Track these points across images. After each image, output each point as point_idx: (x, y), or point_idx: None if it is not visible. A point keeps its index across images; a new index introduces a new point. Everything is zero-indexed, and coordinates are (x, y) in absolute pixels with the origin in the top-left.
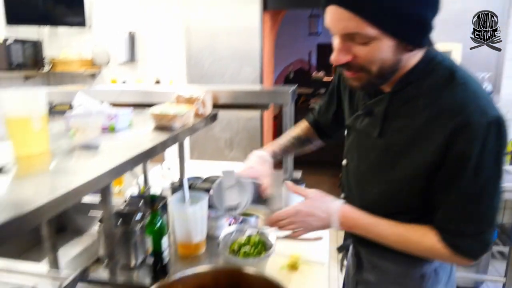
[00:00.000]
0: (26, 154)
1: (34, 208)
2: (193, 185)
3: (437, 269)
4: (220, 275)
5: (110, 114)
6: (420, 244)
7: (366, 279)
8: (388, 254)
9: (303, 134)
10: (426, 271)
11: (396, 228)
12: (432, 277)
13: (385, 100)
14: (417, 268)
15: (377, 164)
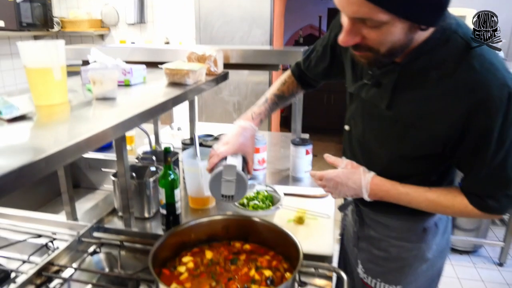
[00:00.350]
0: (47, 104)
1: (53, 153)
2: (204, 142)
3: (436, 222)
4: (231, 224)
5: (125, 69)
6: (451, 207)
7: (368, 234)
8: (391, 211)
9: (287, 91)
10: (428, 225)
11: (427, 194)
12: (432, 230)
13: (395, 72)
14: (420, 222)
15: (385, 135)
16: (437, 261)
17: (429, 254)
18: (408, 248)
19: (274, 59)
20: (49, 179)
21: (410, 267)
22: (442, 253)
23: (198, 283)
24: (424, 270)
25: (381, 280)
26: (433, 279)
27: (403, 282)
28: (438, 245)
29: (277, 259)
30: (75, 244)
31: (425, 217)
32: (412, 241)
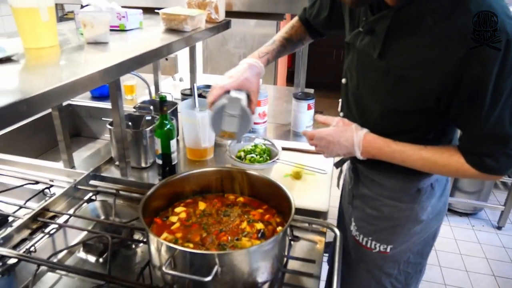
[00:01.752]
0: (35, 46)
1: (34, 95)
2: (203, 93)
3: (433, 184)
4: (225, 176)
5: (120, 12)
6: (447, 166)
7: (362, 192)
8: (386, 169)
9: (295, 35)
10: (423, 186)
11: (422, 153)
12: (428, 191)
13: (388, 17)
14: (414, 183)
15: (378, 88)
16: (431, 224)
17: (423, 215)
18: (401, 208)
19: (280, 8)
20: (49, 127)
21: (402, 227)
22: (438, 215)
23: (189, 233)
24: (417, 231)
25: (373, 239)
26: (427, 242)
27: (395, 242)
28: (433, 207)
29: (270, 212)
30: (71, 191)
31: (420, 178)
32: (405, 202)
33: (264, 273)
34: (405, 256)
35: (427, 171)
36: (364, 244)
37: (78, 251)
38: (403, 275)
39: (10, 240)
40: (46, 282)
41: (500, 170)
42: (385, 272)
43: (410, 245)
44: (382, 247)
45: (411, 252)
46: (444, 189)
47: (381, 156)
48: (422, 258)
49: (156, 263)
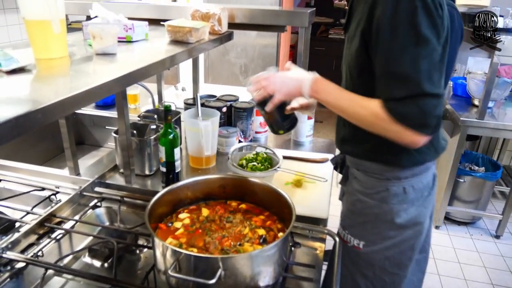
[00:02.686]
0: (46, 57)
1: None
2: (206, 102)
3: (406, 188)
4: (227, 183)
5: (127, 24)
6: (366, 108)
7: (347, 189)
8: (361, 164)
9: None
10: (391, 187)
11: (353, 95)
12: (399, 195)
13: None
14: (383, 182)
15: (344, 59)
16: (407, 232)
17: (396, 219)
18: (370, 205)
19: (281, 20)
20: (54, 136)
21: (372, 225)
22: (415, 225)
23: (193, 239)
24: (390, 235)
25: (348, 233)
26: (404, 251)
27: (366, 239)
28: (409, 214)
29: (272, 219)
30: (77, 197)
31: (389, 177)
32: (374, 199)
33: (266, 277)
34: (380, 261)
35: (352, 114)
36: (343, 238)
37: (83, 256)
38: (379, 282)
39: (18, 245)
40: (53, 286)
41: (407, 118)
42: (360, 271)
43: (383, 249)
44: (355, 242)
45: (387, 258)
46: (424, 200)
47: (323, 92)
48: (399, 269)
49: (161, 267)
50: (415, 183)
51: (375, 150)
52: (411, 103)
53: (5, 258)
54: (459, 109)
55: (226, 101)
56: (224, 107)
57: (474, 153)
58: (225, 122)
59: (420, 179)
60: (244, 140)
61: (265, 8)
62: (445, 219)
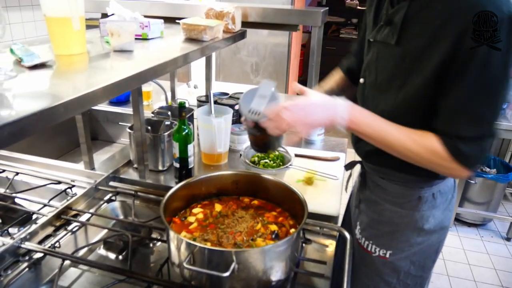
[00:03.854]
0: (66, 53)
1: (72, 99)
2: (219, 100)
3: (435, 194)
4: (240, 179)
5: (143, 22)
6: (420, 144)
7: (367, 197)
8: (390, 175)
9: (336, 86)
10: (424, 194)
11: (400, 128)
12: (429, 201)
13: (404, 7)
14: (415, 190)
15: (394, 73)
16: (433, 236)
17: (424, 225)
18: (401, 214)
19: (294, 19)
20: (69, 130)
21: (401, 233)
22: (441, 229)
23: (206, 233)
24: (418, 242)
25: (373, 243)
26: (429, 255)
27: (394, 248)
28: (435, 218)
29: (284, 215)
30: (92, 191)
31: (422, 186)
32: (406, 208)
33: (278, 272)
34: (405, 267)
35: (403, 150)
36: (365, 247)
37: (99, 248)
38: (402, 286)
39: (36, 236)
40: (70, 276)
41: (469, 158)
42: (384, 279)
43: (410, 255)
44: (381, 252)
45: (412, 263)
46: (449, 204)
47: (363, 124)
48: (423, 271)
49: (176, 260)
50: (441, 187)
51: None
52: (477, 143)
53: (23, 249)
54: None
55: (238, 99)
56: (236, 104)
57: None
58: (237, 120)
59: (445, 182)
60: None
61: (278, 7)
62: (455, 221)
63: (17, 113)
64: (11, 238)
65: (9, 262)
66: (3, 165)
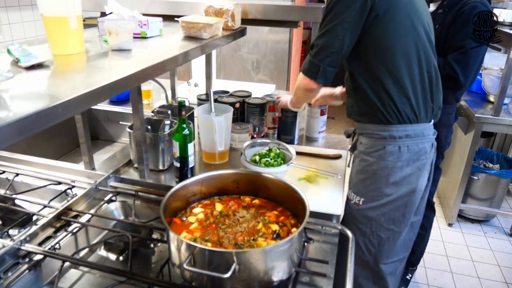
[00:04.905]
0: (63, 53)
1: (69, 99)
2: (219, 98)
3: (401, 148)
4: (241, 178)
5: (141, 21)
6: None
7: (355, 154)
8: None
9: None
10: (388, 146)
11: None
12: (394, 153)
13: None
14: (380, 141)
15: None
16: (401, 190)
17: (391, 176)
18: (370, 163)
19: (294, 16)
20: (69, 131)
21: (370, 181)
22: (408, 184)
23: (207, 233)
24: (386, 192)
25: (352, 191)
26: (398, 207)
27: (366, 196)
28: (403, 172)
29: (285, 214)
30: (92, 191)
31: (386, 137)
32: (373, 156)
33: (280, 272)
34: (377, 217)
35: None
36: (348, 197)
37: (99, 249)
38: (375, 238)
39: (36, 238)
40: (70, 278)
41: (303, 65)
42: (359, 227)
43: (380, 206)
44: (357, 199)
45: (383, 214)
46: (421, 164)
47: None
48: (394, 225)
49: (176, 261)
50: (410, 145)
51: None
52: (309, 54)
53: (23, 250)
54: (474, 106)
55: (239, 97)
56: (237, 102)
57: (489, 150)
58: (238, 118)
59: (416, 142)
60: (257, 136)
61: (279, 4)
62: (458, 217)
63: (14, 114)
64: (11, 239)
65: (9, 264)
66: (3, 166)
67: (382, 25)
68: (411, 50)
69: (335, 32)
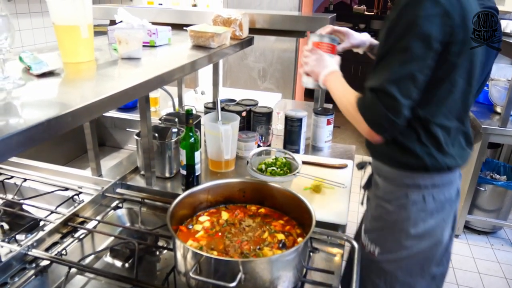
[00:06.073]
0: (74, 61)
1: (79, 108)
2: (226, 106)
3: (426, 198)
4: (247, 187)
5: (151, 29)
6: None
7: (370, 195)
8: (382, 170)
9: None
10: (411, 194)
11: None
12: (418, 203)
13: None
14: (402, 188)
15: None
16: (423, 243)
17: (413, 229)
18: (389, 211)
19: (301, 26)
20: (76, 137)
21: (389, 231)
22: (431, 238)
23: (213, 242)
24: (406, 245)
25: (368, 238)
26: (418, 261)
27: (382, 245)
28: (426, 224)
29: (291, 224)
30: (99, 198)
31: (408, 184)
32: (393, 205)
33: (285, 282)
34: (392, 271)
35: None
36: (363, 242)
37: (105, 255)
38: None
39: (43, 243)
40: (76, 284)
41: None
42: (372, 279)
43: (398, 259)
44: (372, 247)
45: (400, 268)
46: (445, 213)
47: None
48: (410, 277)
49: (182, 269)
50: (436, 194)
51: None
52: (372, 95)
53: (30, 256)
54: (480, 117)
55: (246, 106)
56: (243, 111)
57: (496, 161)
58: (244, 127)
59: (442, 190)
60: (263, 145)
61: (286, 14)
62: (464, 228)
63: (25, 122)
64: (18, 245)
65: (16, 269)
66: (11, 171)
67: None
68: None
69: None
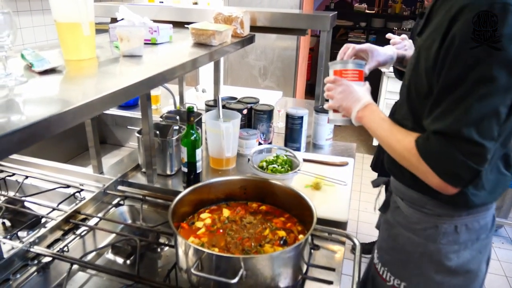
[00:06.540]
0: (75, 58)
1: (80, 105)
2: (227, 104)
3: (458, 228)
4: (248, 184)
5: (152, 27)
6: (400, 141)
7: (387, 219)
8: (407, 195)
9: None
10: (442, 224)
11: (392, 125)
12: (450, 234)
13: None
14: (432, 218)
15: (411, 68)
16: (457, 279)
17: (445, 262)
18: (414, 242)
19: (302, 23)
20: (78, 134)
21: (415, 265)
22: (467, 273)
23: (214, 238)
24: (436, 280)
25: (388, 270)
26: None
27: (408, 280)
28: (460, 258)
29: (292, 221)
30: (100, 195)
31: (440, 213)
32: (420, 236)
33: (286, 279)
34: None
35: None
36: (380, 274)
37: (107, 252)
38: None
39: (45, 240)
40: (78, 281)
41: (431, 156)
42: None
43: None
44: (395, 282)
45: None
46: (481, 245)
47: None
48: None
49: (184, 266)
50: (469, 222)
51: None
52: (439, 140)
53: (32, 252)
54: None
55: (247, 103)
56: (244, 109)
57: None
58: (245, 124)
59: (477, 219)
60: (264, 142)
61: (287, 12)
62: None
63: (27, 119)
64: (20, 241)
65: (18, 266)
66: (13, 168)
67: None
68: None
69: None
